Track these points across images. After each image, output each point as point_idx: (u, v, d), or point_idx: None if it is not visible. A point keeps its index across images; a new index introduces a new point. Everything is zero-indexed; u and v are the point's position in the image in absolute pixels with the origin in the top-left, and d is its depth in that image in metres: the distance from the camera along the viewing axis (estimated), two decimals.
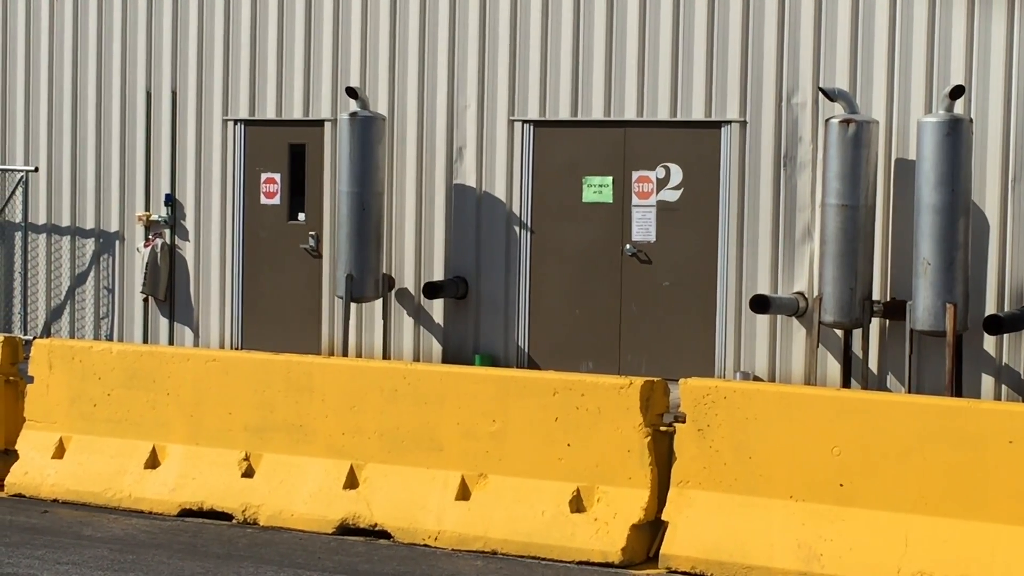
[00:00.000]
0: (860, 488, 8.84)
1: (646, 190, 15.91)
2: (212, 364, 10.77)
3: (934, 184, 13.99)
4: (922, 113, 14.56)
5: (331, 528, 10.06)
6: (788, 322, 15.23)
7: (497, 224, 16.45)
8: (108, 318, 18.33)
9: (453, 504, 9.79)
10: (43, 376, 11.26)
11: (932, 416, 8.74)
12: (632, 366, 15.72)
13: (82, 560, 9.28)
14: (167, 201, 17.96)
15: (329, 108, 17.13)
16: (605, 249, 16.04)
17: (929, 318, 14.05)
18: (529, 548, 9.50)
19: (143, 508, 10.66)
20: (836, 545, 8.82)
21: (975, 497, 8.58)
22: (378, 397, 10.14)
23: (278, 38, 17.38)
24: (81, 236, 18.45)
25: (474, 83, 16.52)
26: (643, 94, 15.80)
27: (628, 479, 9.39)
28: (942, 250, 13.97)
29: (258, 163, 17.58)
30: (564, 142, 16.21)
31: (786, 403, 9.13)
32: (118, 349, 11.22)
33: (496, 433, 9.77)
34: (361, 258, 16.22)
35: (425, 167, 16.74)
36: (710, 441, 9.24)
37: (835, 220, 14.48)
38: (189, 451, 10.72)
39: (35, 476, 11.12)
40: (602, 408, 9.48)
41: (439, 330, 16.69)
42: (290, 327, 17.30)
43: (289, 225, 17.42)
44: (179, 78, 17.93)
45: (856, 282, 14.47)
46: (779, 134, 15.29)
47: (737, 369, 15.39)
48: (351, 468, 10.15)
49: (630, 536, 9.31)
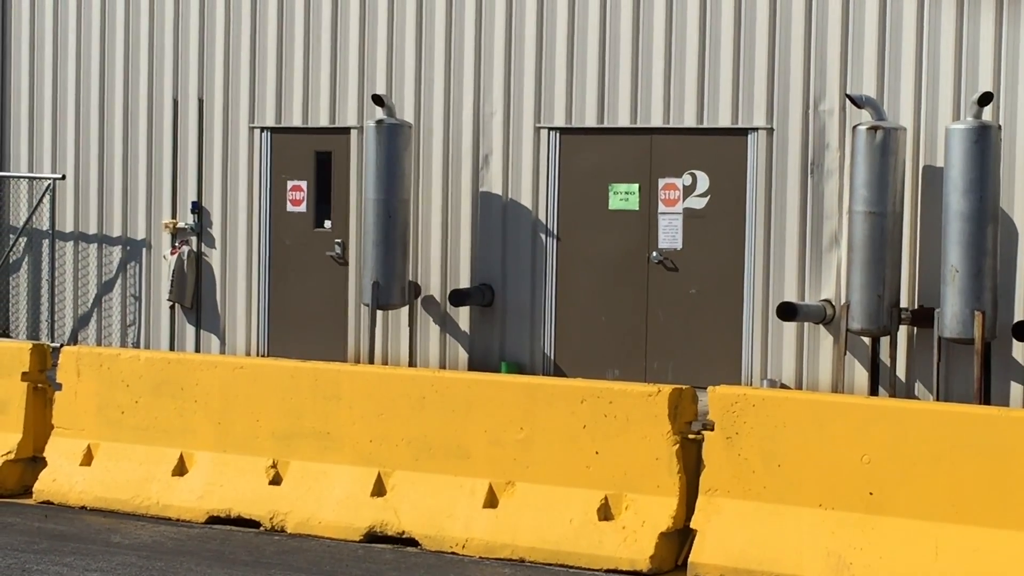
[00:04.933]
0: (890, 496, 8.80)
1: (672, 197, 15.88)
2: (240, 372, 10.78)
3: (962, 191, 13.95)
4: (950, 120, 14.52)
5: (359, 536, 10.05)
6: (815, 329, 15.19)
7: (523, 231, 16.44)
8: (135, 325, 18.37)
9: (481, 512, 9.77)
10: (71, 383, 11.28)
11: (962, 424, 8.70)
12: (658, 374, 15.70)
13: (110, 567, 9.29)
14: (194, 209, 18.00)
15: (355, 115, 17.15)
16: (631, 256, 16.01)
17: (957, 325, 14.00)
18: (557, 556, 9.48)
19: (171, 515, 10.66)
20: (866, 554, 8.78)
21: (1006, 505, 8.53)
22: (405, 405, 10.13)
23: (304, 45, 17.41)
24: (108, 244, 18.50)
25: (500, 90, 16.52)
26: (669, 101, 15.78)
27: (656, 487, 9.36)
28: (970, 257, 13.93)
29: (284, 171, 17.60)
30: (590, 149, 16.19)
31: (815, 411, 9.10)
32: (146, 356, 11.24)
33: (524, 441, 9.76)
34: (387, 265, 16.22)
35: (451, 174, 16.75)
36: (739, 449, 9.21)
37: (862, 227, 14.44)
38: (217, 458, 10.72)
39: (63, 483, 11.13)
40: (630, 416, 9.46)
41: (465, 337, 16.69)
42: (316, 334, 17.32)
43: (315, 232, 17.44)
44: (206, 86, 17.98)
45: (884, 289, 14.43)
46: (806, 141, 15.26)
47: (764, 377, 15.35)
48: (379, 475, 10.14)
49: (658, 544, 9.28)
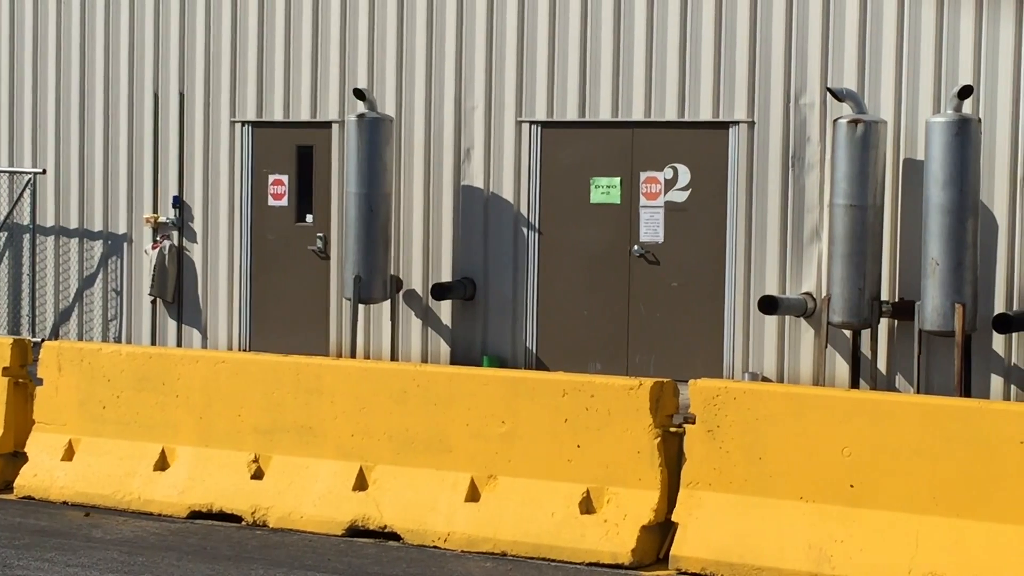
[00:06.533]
0: (870, 489, 8.82)
1: (654, 191, 15.90)
2: (221, 366, 10.77)
3: (943, 184, 13.99)
4: (930, 113, 14.55)
5: (340, 530, 10.05)
6: (796, 323, 15.22)
7: (505, 225, 16.45)
8: (116, 320, 18.33)
9: (463, 505, 9.78)
10: (52, 378, 11.25)
11: (943, 417, 8.73)
12: (640, 367, 15.72)
13: (92, 562, 9.28)
14: (175, 203, 17.96)
15: (337, 110, 17.13)
16: (613, 250, 16.03)
17: (938, 318, 14.04)
18: (539, 550, 9.48)
19: (152, 510, 10.65)
20: (847, 546, 8.80)
21: (985, 498, 8.56)
22: (387, 399, 10.13)
23: (285, 40, 17.39)
24: (89, 238, 18.46)
25: (482, 84, 16.51)
26: (651, 95, 15.80)
27: (638, 480, 9.37)
28: (951, 250, 13.97)
29: (266, 165, 17.58)
30: (572, 143, 16.20)
31: (796, 404, 9.11)
32: (127, 351, 11.21)
33: (505, 434, 9.76)
34: (369, 259, 16.21)
35: (433, 168, 16.74)
36: (720, 442, 9.22)
37: (843, 220, 14.47)
38: (198, 453, 10.71)
39: (44, 478, 11.11)
40: (612, 409, 9.46)
41: (447, 331, 16.69)
42: (298, 329, 17.31)
43: (297, 227, 17.42)
44: (186, 80, 17.94)
45: (864, 282, 14.46)
46: (787, 134, 15.29)
47: (745, 370, 15.37)
48: (360, 470, 10.13)
49: (640, 537, 9.29)
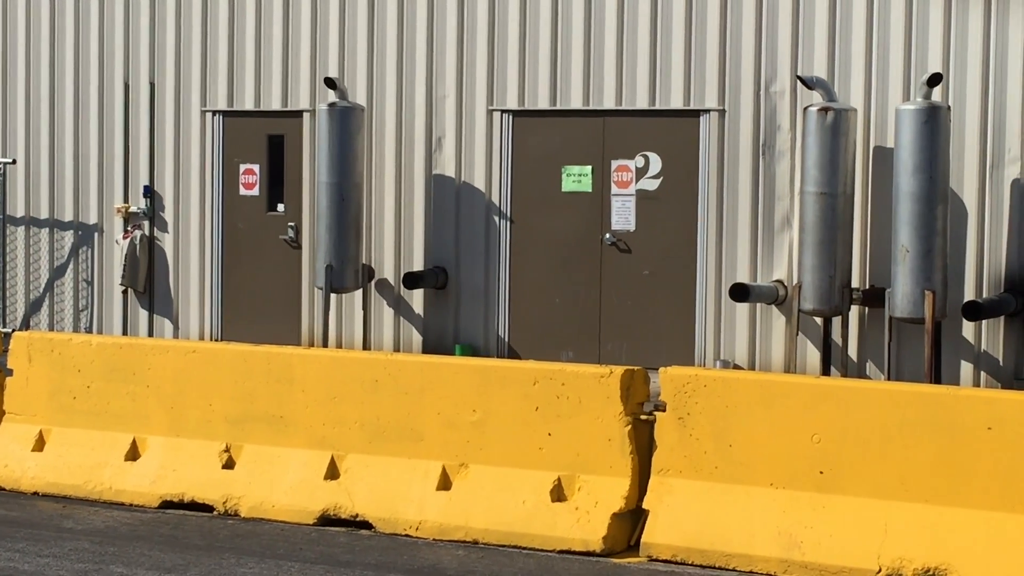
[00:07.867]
0: (840, 475, 8.86)
1: (625, 179, 15.92)
2: (192, 356, 10.76)
3: (912, 171, 14.03)
4: (900, 101, 14.60)
5: (312, 519, 10.05)
6: (768, 310, 15.26)
7: (476, 214, 16.45)
8: (87, 310, 18.28)
9: (434, 494, 9.80)
10: (22, 369, 11.23)
11: (912, 403, 8.77)
12: (612, 355, 15.74)
13: (63, 553, 9.27)
14: (146, 193, 17.92)
15: (308, 99, 17.10)
16: (585, 238, 16.05)
17: (908, 305, 14.09)
18: (510, 538, 9.51)
19: (124, 500, 10.65)
20: (816, 532, 8.85)
21: (954, 483, 8.61)
22: (359, 388, 10.14)
23: (256, 29, 17.35)
24: (60, 228, 18.40)
25: (453, 73, 16.50)
26: (622, 83, 15.81)
27: (609, 468, 9.40)
28: (920, 237, 14.02)
29: (237, 154, 17.54)
30: (543, 132, 16.21)
31: (766, 391, 9.15)
32: (98, 341, 11.20)
33: (477, 423, 9.78)
34: (341, 249, 16.20)
35: (404, 157, 16.73)
36: (690, 430, 9.26)
37: (814, 208, 14.51)
38: (170, 443, 10.70)
39: (15, 469, 11.10)
40: (583, 397, 9.49)
41: (419, 320, 16.69)
42: (270, 318, 17.28)
43: (268, 216, 17.39)
44: (157, 69, 17.88)
45: (835, 270, 14.51)
46: (758, 123, 15.31)
47: (717, 357, 15.41)
48: (332, 459, 10.14)
49: (611, 525, 9.32)
